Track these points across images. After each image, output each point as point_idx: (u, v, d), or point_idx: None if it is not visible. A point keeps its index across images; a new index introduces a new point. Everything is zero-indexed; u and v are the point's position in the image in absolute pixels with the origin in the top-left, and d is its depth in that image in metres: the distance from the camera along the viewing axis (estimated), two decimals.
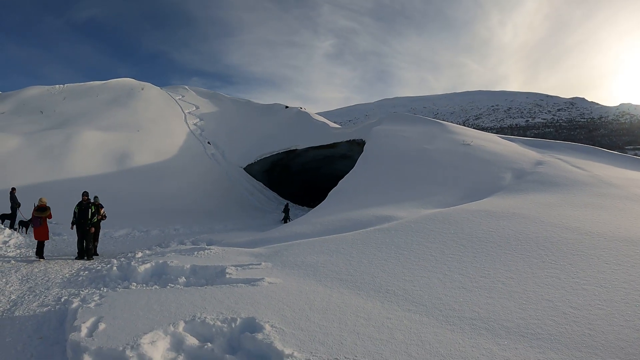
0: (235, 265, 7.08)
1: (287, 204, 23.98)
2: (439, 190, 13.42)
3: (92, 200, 11.15)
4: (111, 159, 26.05)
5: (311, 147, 35.18)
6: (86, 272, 8.43)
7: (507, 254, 6.24)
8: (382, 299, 5.09)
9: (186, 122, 40.67)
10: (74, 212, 10.75)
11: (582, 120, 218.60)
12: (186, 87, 54.60)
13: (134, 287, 6.69)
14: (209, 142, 36.61)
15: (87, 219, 10.60)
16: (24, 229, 14.33)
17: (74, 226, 10.70)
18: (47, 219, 10.46)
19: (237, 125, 42.14)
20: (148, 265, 7.59)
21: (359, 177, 17.05)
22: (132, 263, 7.97)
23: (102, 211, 11.52)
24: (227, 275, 6.45)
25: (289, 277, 6.32)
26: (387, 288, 5.44)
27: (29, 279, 7.89)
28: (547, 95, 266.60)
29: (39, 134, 26.93)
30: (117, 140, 28.87)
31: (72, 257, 10.56)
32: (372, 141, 21.86)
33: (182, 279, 6.76)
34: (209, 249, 8.91)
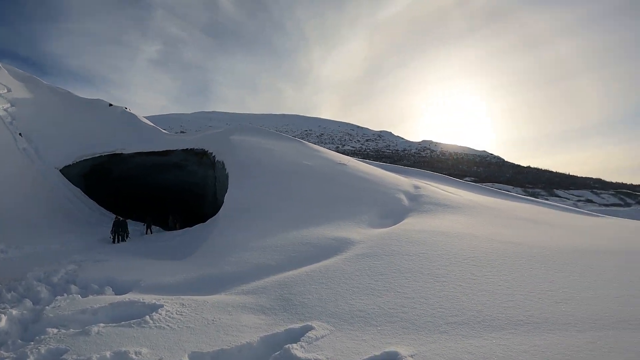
0: (275, 341, 4.01)
1: (121, 219, 17.38)
2: (357, 209, 11.80)
3: None
4: None
5: (139, 153, 29.07)
6: None
7: (538, 268, 5.86)
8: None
9: None
10: None
11: (388, 151, 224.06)
12: None
13: None
14: (20, 134, 26.61)
15: None
16: None
17: None
18: None
19: (55, 118, 31.49)
20: None
21: (251, 194, 13.72)
22: None
23: None
24: None
25: (410, 341, 3.86)
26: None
27: None
28: (358, 126, 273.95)
29: None
30: None
31: None
32: (241, 153, 18.48)
33: None
34: (157, 304, 5.28)
